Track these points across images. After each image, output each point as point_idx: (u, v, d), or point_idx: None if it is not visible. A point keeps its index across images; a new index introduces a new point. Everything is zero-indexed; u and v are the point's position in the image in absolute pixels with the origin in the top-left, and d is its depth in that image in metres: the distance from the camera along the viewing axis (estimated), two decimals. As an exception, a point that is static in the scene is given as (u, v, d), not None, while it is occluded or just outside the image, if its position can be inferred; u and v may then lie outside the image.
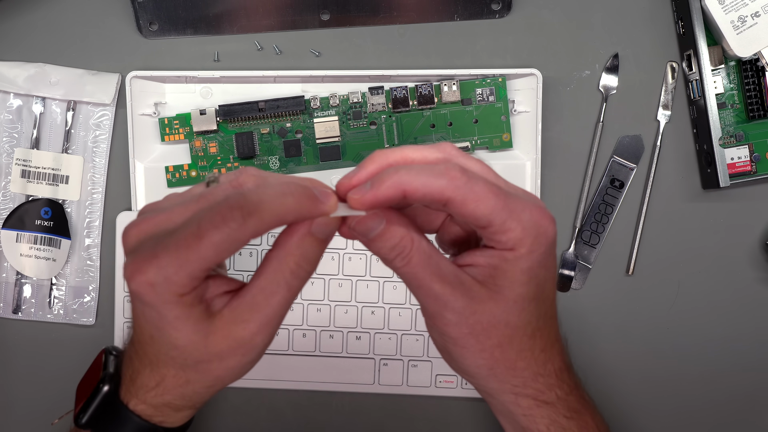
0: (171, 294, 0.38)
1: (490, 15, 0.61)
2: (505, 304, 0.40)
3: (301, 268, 0.39)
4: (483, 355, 0.41)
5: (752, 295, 0.62)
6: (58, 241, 0.60)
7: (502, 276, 0.39)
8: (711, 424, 0.62)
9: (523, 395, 0.43)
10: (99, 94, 0.60)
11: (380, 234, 0.38)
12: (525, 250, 0.39)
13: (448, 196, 0.36)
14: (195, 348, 0.39)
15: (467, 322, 0.40)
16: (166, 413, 0.43)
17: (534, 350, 0.42)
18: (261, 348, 0.41)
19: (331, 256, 0.60)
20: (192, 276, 0.37)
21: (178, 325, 0.39)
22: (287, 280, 0.39)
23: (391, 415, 0.62)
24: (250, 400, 0.62)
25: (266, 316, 0.39)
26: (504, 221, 0.37)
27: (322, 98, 0.60)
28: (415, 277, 0.39)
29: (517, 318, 0.40)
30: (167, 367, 0.41)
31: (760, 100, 0.59)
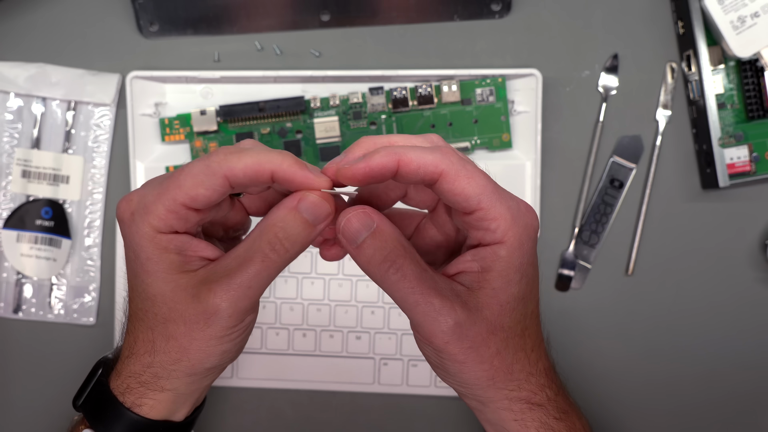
0: (146, 226, 0.38)
1: (490, 15, 0.61)
2: (500, 307, 0.39)
3: (280, 242, 0.38)
4: (483, 367, 0.40)
5: (752, 295, 0.62)
6: (59, 241, 0.60)
7: (496, 277, 0.38)
8: (711, 424, 0.62)
9: (517, 399, 0.42)
10: (99, 94, 0.60)
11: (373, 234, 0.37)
12: (516, 243, 0.38)
13: (441, 169, 0.36)
14: (163, 302, 0.39)
15: (468, 335, 0.38)
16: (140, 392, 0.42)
17: (526, 349, 0.41)
18: (226, 320, 0.39)
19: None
20: (168, 208, 0.37)
21: (149, 268, 0.38)
22: (264, 251, 0.38)
23: (391, 415, 0.62)
24: (250, 400, 0.62)
25: (236, 284, 0.38)
26: (494, 204, 0.37)
27: (322, 98, 0.60)
28: (412, 291, 0.37)
29: (509, 319, 0.39)
30: (139, 324, 0.40)
31: (760, 100, 0.59)
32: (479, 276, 0.39)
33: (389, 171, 0.36)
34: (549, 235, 0.62)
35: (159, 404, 0.43)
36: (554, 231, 0.62)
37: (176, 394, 0.43)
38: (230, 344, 0.41)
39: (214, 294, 0.38)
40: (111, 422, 0.43)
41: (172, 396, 0.43)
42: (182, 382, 0.42)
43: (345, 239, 0.38)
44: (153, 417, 0.43)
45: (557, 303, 0.62)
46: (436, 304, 0.37)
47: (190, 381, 0.42)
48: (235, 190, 0.38)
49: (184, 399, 0.44)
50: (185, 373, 0.41)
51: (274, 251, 0.38)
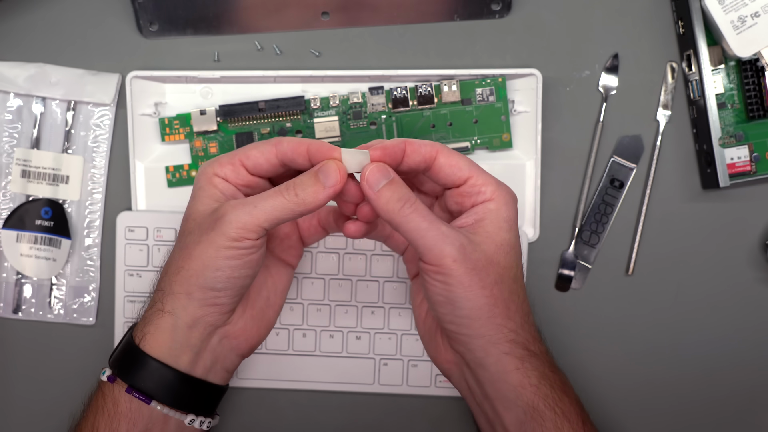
0: (210, 170, 0.48)
1: (490, 15, 0.61)
2: (495, 246, 0.47)
3: (294, 189, 0.46)
4: (485, 293, 0.46)
5: (752, 295, 0.62)
6: (59, 241, 0.60)
7: (489, 224, 0.47)
8: (710, 424, 0.62)
9: (517, 343, 0.47)
10: (99, 94, 0.60)
11: (390, 182, 0.46)
12: (502, 200, 0.47)
13: (437, 149, 0.47)
14: (193, 218, 0.48)
15: (470, 258, 0.45)
16: (147, 319, 0.48)
17: (519, 294, 0.48)
18: (228, 226, 0.46)
19: (331, 257, 0.60)
20: (229, 160, 0.48)
21: (197, 194, 0.48)
22: (280, 190, 0.46)
23: (391, 415, 0.62)
24: (250, 400, 0.62)
25: (246, 202, 0.46)
26: (481, 173, 0.47)
27: (322, 98, 0.60)
28: (424, 220, 0.45)
29: (504, 259, 0.47)
30: (177, 254, 0.48)
31: (760, 100, 0.59)
32: (474, 225, 0.47)
33: (400, 150, 0.47)
34: (549, 235, 0.62)
35: (159, 332, 0.48)
36: (554, 231, 0.62)
37: (174, 322, 0.48)
38: (224, 262, 0.46)
39: (228, 205, 0.46)
40: (125, 362, 0.48)
41: (170, 323, 0.48)
42: (180, 302, 0.47)
43: (368, 184, 0.46)
44: (154, 351, 0.48)
45: (557, 303, 0.62)
46: (444, 230, 0.45)
47: (187, 302, 0.47)
48: (279, 162, 0.48)
49: (182, 335, 0.48)
50: (185, 290, 0.47)
51: (287, 192, 0.46)
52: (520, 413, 0.47)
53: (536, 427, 0.47)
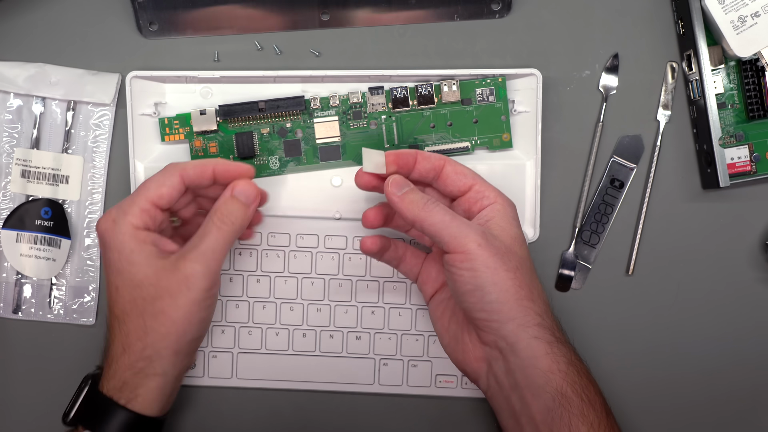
0: (127, 225, 0.50)
1: (490, 15, 0.61)
2: (510, 238, 0.51)
3: (226, 218, 0.50)
4: (509, 275, 0.49)
5: (752, 295, 0.62)
6: (58, 241, 0.60)
7: (501, 220, 0.51)
8: (711, 424, 0.62)
9: (544, 327, 0.50)
10: (99, 94, 0.60)
11: (411, 189, 0.51)
12: (506, 202, 0.52)
13: (445, 160, 0.53)
14: (149, 283, 0.49)
15: (493, 244, 0.49)
16: (134, 383, 0.50)
17: (537, 285, 0.52)
18: (202, 280, 0.49)
19: (331, 256, 0.60)
20: (141, 208, 0.50)
21: (134, 259, 0.49)
22: (217, 225, 0.50)
23: (391, 415, 0.62)
24: (250, 400, 0.62)
25: (203, 249, 0.49)
26: (483, 182, 0.53)
27: (322, 98, 0.60)
28: (446, 214, 0.50)
29: (520, 249, 0.51)
30: (129, 317, 0.50)
31: (760, 100, 0.59)
32: (487, 223, 0.51)
33: (412, 157, 0.52)
34: (549, 235, 0.62)
35: (150, 393, 0.50)
36: (554, 231, 0.62)
37: (165, 379, 0.50)
38: (205, 312, 0.50)
39: (189, 260, 0.49)
40: (107, 423, 0.49)
41: (161, 382, 0.50)
42: (170, 362, 0.50)
43: (393, 188, 0.51)
44: (146, 410, 0.50)
45: (557, 303, 0.62)
46: (466, 221, 0.50)
47: (176, 360, 0.50)
48: (187, 188, 0.52)
49: (171, 386, 0.51)
50: (173, 350, 0.50)
51: (224, 224, 0.50)
52: (549, 400, 0.49)
53: (563, 413, 0.48)
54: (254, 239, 0.60)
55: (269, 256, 0.60)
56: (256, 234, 0.59)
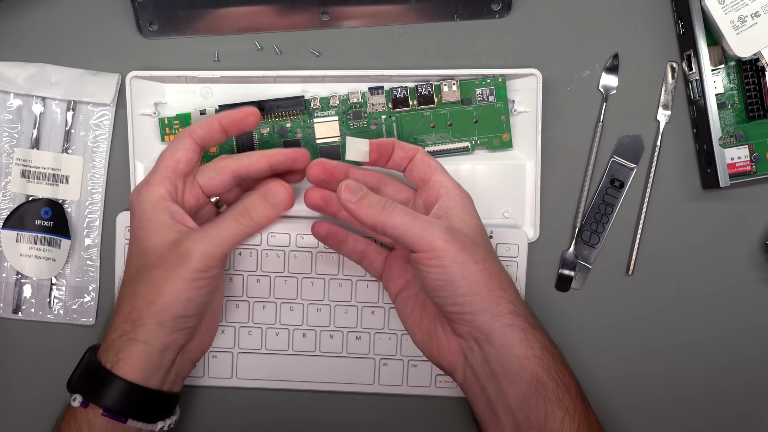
0: (149, 194, 0.51)
1: (490, 15, 0.61)
2: (471, 229, 0.51)
3: (248, 213, 0.51)
4: (478, 267, 0.49)
5: (752, 295, 0.62)
6: (58, 241, 0.60)
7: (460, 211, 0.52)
8: (711, 424, 0.62)
9: (517, 315, 0.50)
10: (99, 94, 0.60)
11: (366, 192, 0.50)
12: (464, 193, 0.53)
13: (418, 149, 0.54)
14: (153, 252, 0.49)
15: (458, 238, 0.49)
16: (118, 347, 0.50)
17: (505, 273, 0.52)
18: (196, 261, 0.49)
19: (331, 257, 0.60)
20: (161, 176, 0.51)
21: (148, 227, 0.50)
22: (235, 216, 0.51)
23: (391, 415, 0.62)
24: (250, 400, 0.62)
25: (208, 234, 0.49)
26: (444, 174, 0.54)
27: (322, 98, 0.60)
28: (407, 214, 0.49)
29: (483, 240, 0.52)
30: (130, 281, 0.51)
31: (760, 100, 0.59)
32: (448, 215, 0.51)
33: (390, 145, 0.54)
34: (549, 235, 0.62)
35: (132, 359, 0.50)
36: (554, 231, 0.62)
37: (147, 348, 0.50)
38: (195, 292, 0.49)
39: (192, 239, 0.49)
40: (96, 386, 0.50)
41: (143, 350, 0.50)
42: (152, 332, 0.49)
43: (347, 195, 0.50)
44: (128, 375, 0.50)
45: (557, 303, 0.62)
46: (427, 218, 0.50)
47: (159, 332, 0.50)
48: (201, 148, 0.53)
49: (155, 357, 0.50)
50: (156, 321, 0.49)
51: (243, 218, 0.51)
52: (524, 386, 0.49)
53: (539, 399, 0.48)
54: (254, 239, 0.60)
55: (269, 256, 0.60)
56: (256, 234, 0.59)
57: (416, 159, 0.54)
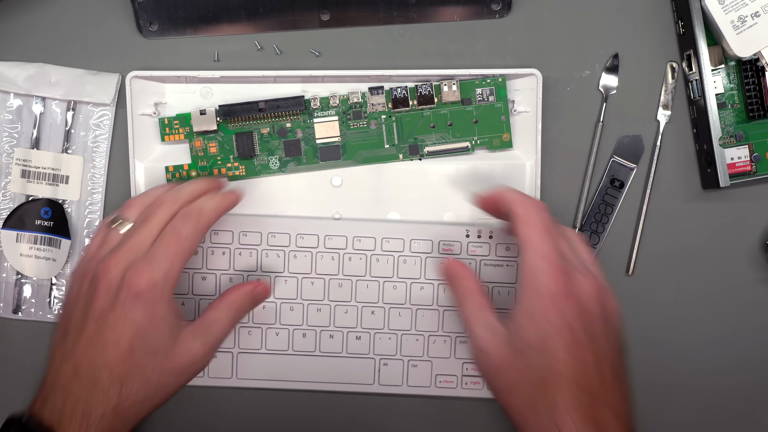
0: (168, 289, 0.49)
1: (490, 15, 0.61)
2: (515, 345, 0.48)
3: (240, 310, 0.54)
4: (500, 397, 0.49)
5: (752, 295, 0.62)
6: (58, 241, 0.60)
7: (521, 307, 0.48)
8: (711, 424, 0.62)
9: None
10: (99, 94, 0.60)
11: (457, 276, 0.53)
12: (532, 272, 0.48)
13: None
14: (164, 354, 0.49)
15: (487, 362, 0.49)
16: None
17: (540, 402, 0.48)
18: (203, 366, 0.52)
19: (331, 256, 0.60)
20: (180, 269, 0.49)
21: (161, 326, 0.49)
22: (231, 314, 0.54)
23: (391, 414, 0.62)
24: (250, 400, 0.62)
25: (214, 338, 0.52)
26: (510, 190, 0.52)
27: (322, 98, 0.60)
28: (474, 312, 0.51)
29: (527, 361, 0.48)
30: (134, 380, 0.48)
31: (760, 100, 0.59)
32: (514, 319, 0.49)
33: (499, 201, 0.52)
34: (549, 235, 0.62)
35: None
36: (554, 231, 0.62)
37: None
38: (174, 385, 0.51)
39: (202, 345, 0.51)
40: None
41: None
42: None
43: (443, 276, 0.55)
44: None
45: (557, 303, 0.62)
46: (488, 326, 0.50)
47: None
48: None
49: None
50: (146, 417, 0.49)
51: (237, 315, 0.54)
52: None
53: None
54: (254, 239, 0.60)
55: (269, 256, 0.60)
56: (256, 234, 0.59)
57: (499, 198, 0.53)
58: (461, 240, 0.59)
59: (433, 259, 0.60)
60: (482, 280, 0.59)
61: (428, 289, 0.60)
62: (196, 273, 0.60)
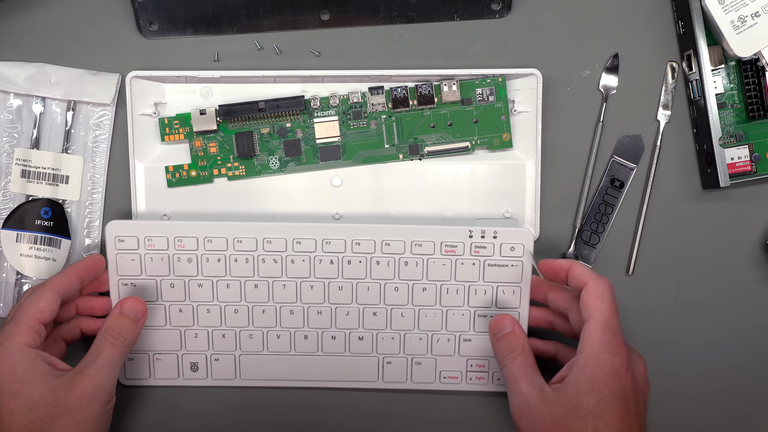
0: (17, 345, 0.50)
1: (490, 15, 0.61)
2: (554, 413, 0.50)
3: (119, 334, 0.53)
4: None
5: (752, 295, 0.62)
6: (58, 241, 0.60)
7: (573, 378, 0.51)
8: (711, 424, 0.62)
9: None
10: (99, 94, 0.60)
11: (508, 333, 0.55)
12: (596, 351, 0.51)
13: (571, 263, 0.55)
14: (46, 402, 0.49)
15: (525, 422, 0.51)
16: None
17: None
18: (101, 394, 0.51)
19: (330, 260, 0.59)
20: (27, 326, 0.51)
21: (27, 379, 0.49)
22: (110, 341, 0.53)
23: (395, 412, 0.62)
24: (251, 400, 0.62)
25: (100, 365, 0.51)
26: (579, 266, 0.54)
27: (322, 98, 0.60)
28: (522, 373, 0.52)
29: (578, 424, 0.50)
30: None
31: (760, 100, 0.59)
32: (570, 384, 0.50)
33: (564, 273, 0.54)
34: (549, 235, 0.62)
35: None
36: (554, 231, 0.62)
37: None
38: (104, 425, 0.52)
39: (88, 377, 0.51)
40: None
41: None
42: None
43: (491, 332, 0.56)
44: None
45: (557, 303, 0.62)
46: (529, 390, 0.51)
47: None
48: (62, 298, 0.54)
49: None
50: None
51: (117, 341, 0.53)
52: None
53: None
54: (249, 245, 0.59)
55: (266, 261, 0.59)
56: (251, 240, 0.58)
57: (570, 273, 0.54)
58: (464, 240, 0.59)
59: (436, 261, 0.59)
60: (486, 280, 0.59)
61: (431, 289, 0.59)
62: (191, 280, 0.59)
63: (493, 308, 0.59)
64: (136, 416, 0.61)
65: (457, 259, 0.59)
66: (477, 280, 0.59)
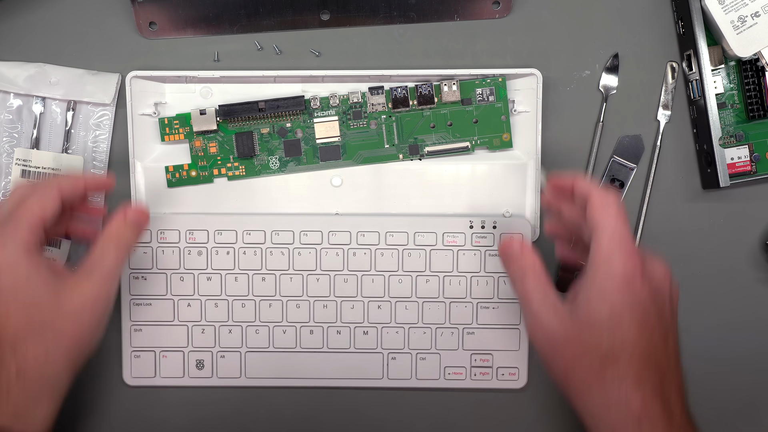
0: (19, 244, 0.48)
1: (490, 15, 0.61)
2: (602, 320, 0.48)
3: (122, 241, 0.52)
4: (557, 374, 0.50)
5: (752, 295, 0.62)
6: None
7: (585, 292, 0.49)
8: (710, 423, 0.62)
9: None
10: (99, 94, 0.60)
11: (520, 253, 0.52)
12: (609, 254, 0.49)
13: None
14: (49, 304, 0.48)
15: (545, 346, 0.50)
16: (30, 411, 0.48)
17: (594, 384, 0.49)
18: (105, 302, 0.50)
19: (336, 252, 0.60)
20: (30, 224, 0.49)
21: (31, 279, 0.48)
22: (114, 247, 0.52)
23: (400, 408, 0.62)
24: (254, 398, 0.62)
25: (105, 272, 0.51)
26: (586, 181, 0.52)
27: (322, 98, 0.60)
28: (537, 289, 0.50)
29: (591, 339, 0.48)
30: (28, 340, 0.48)
31: (760, 100, 0.59)
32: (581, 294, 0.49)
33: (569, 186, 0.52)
34: (549, 235, 0.62)
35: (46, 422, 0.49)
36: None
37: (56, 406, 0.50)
38: (102, 331, 0.51)
39: (93, 282, 0.50)
40: None
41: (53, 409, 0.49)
42: (66, 384, 0.50)
43: (501, 254, 0.54)
44: None
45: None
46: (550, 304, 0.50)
47: (70, 381, 0.50)
48: (64, 202, 0.52)
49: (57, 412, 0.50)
50: (72, 371, 0.50)
51: (120, 246, 0.52)
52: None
53: None
54: (258, 237, 0.60)
55: (273, 254, 0.60)
56: (260, 232, 0.59)
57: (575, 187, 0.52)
58: (465, 231, 0.59)
59: (438, 252, 0.60)
60: (487, 271, 0.59)
61: (434, 281, 0.60)
62: (201, 273, 0.60)
63: (495, 299, 0.60)
64: (139, 416, 0.61)
65: (459, 250, 0.59)
66: (478, 271, 0.60)
